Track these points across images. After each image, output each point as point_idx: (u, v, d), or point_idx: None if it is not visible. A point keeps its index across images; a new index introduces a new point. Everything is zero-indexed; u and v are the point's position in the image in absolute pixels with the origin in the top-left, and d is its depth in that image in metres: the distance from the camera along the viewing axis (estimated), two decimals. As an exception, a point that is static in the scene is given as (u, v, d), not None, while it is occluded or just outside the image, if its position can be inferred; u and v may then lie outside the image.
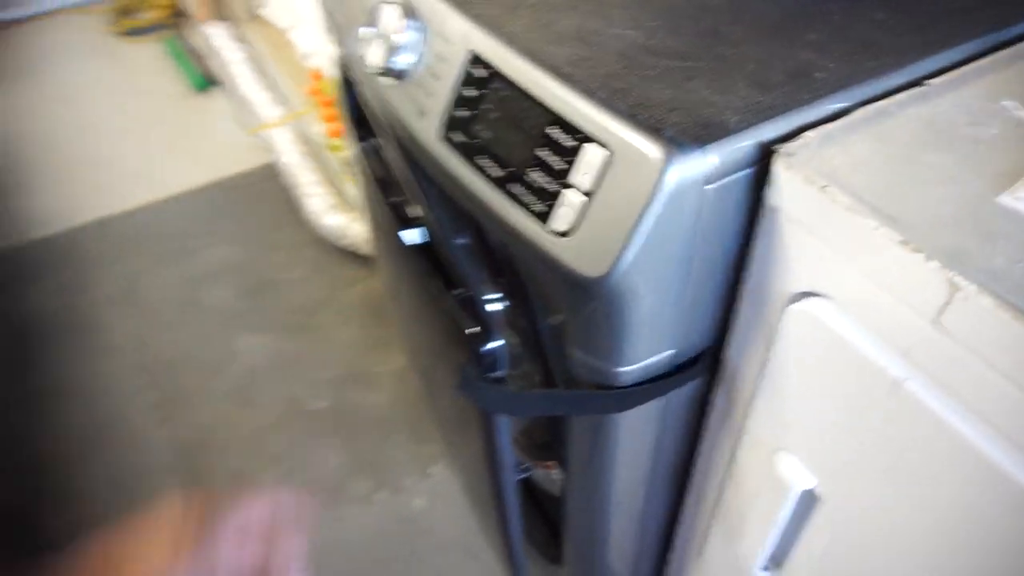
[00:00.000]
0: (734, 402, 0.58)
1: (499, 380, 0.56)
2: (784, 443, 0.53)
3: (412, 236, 0.68)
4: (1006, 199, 0.39)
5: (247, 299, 1.69)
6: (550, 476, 0.87)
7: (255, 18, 2.30)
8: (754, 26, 0.51)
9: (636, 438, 0.63)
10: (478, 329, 0.58)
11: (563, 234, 0.46)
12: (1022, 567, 0.38)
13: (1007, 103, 0.45)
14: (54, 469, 1.39)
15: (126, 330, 1.64)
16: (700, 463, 0.67)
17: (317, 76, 1.78)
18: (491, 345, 0.55)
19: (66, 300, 1.72)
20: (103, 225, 1.92)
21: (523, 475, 0.84)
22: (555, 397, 0.58)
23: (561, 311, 0.55)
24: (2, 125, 2.31)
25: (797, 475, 0.52)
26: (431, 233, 0.65)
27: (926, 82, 0.47)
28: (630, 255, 0.44)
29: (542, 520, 0.92)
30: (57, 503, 1.33)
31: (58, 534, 1.24)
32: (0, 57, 2.69)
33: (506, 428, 0.61)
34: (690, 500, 0.71)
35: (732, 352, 0.55)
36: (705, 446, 0.65)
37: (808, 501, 0.54)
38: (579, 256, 0.46)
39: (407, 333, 1.16)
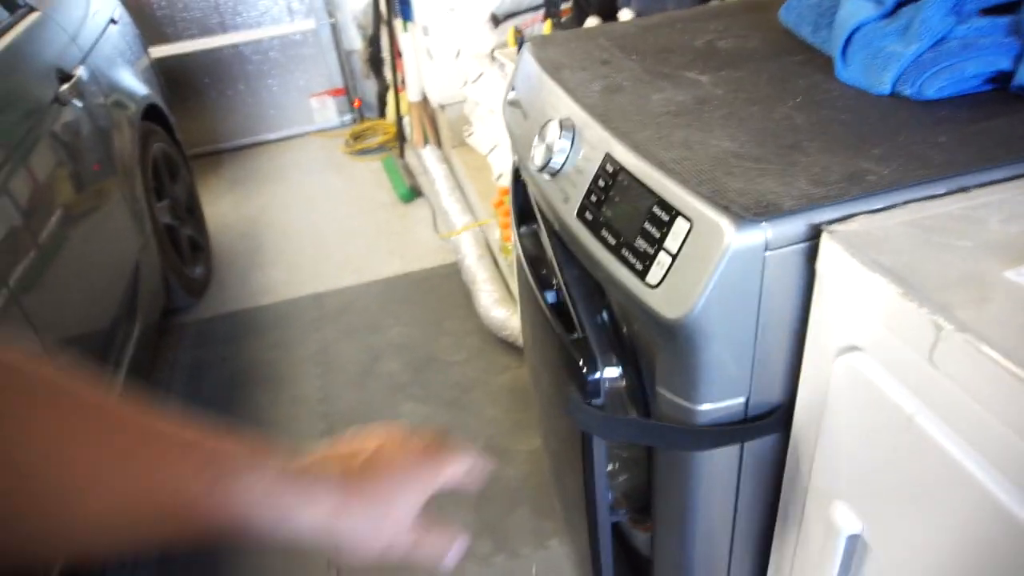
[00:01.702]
0: (802, 455, 0.66)
1: (600, 407, 0.69)
2: (838, 491, 0.60)
3: (548, 296, 0.85)
4: (1010, 274, 0.48)
5: (415, 372, 1.94)
6: (649, 539, 0.94)
7: (462, 144, 2.72)
8: (829, 143, 0.64)
9: (717, 486, 0.72)
10: (583, 362, 0.72)
11: (654, 286, 0.61)
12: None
13: (1041, 209, 0.54)
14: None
15: (315, 385, 1.94)
16: (780, 518, 0.73)
17: (504, 192, 2.08)
18: (594, 376, 0.68)
19: (275, 355, 2.08)
20: (316, 299, 2.30)
21: (618, 518, 0.93)
22: (640, 425, 0.69)
23: (654, 356, 0.68)
24: (258, 214, 2.88)
25: (846, 521, 0.59)
26: (562, 293, 0.81)
27: (968, 188, 0.57)
28: (702, 302, 0.57)
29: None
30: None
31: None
32: (262, 166, 3.38)
33: (602, 451, 0.73)
34: (773, 556, 0.77)
35: (800, 406, 0.65)
36: (783, 501, 0.72)
37: (860, 549, 0.59)
38: (665, 302, 0.60)
39: (542, 413, 1.30)
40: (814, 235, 0.56)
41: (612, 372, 0.81)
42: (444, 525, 0.50)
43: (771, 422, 0.67)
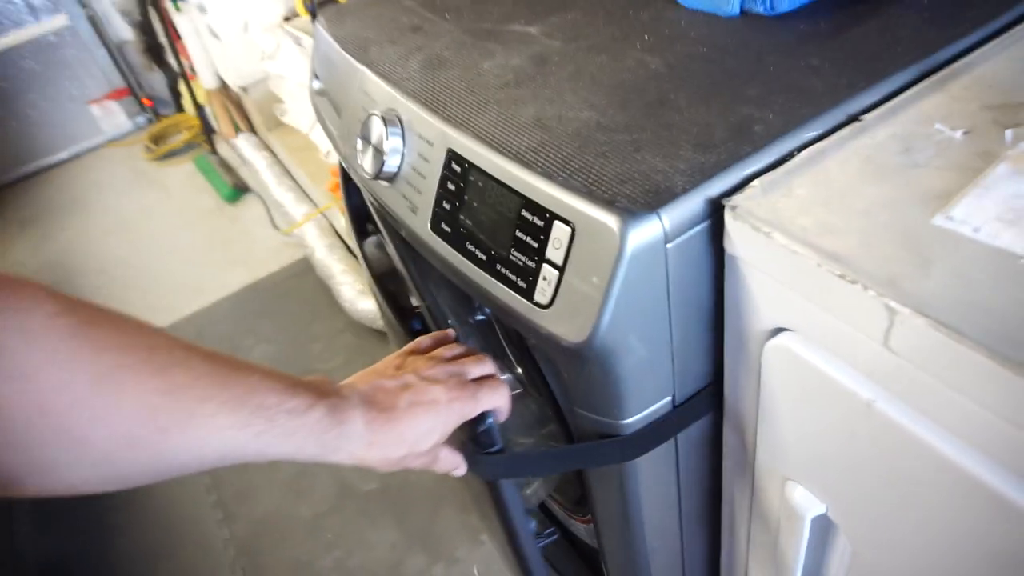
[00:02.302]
0: (742, 437, 0.60)
1: (498, 452, 0.59)
2: (789, 472, 0.55)
3: (414, 323, 0.73)
4: (939, 220, 0.42)
5: (294, 391, 1.76)
6: (592, 530, 0.88)
7: (279, 125, 2.46)
8: (697, 90, 0.55)
9: (656, 482, 0.65)
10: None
11: (545, 306, 0.50)
12: None
13: (939, 126, 0.48)
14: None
15: (185, 436, 1.72)
16: (725, 498, 0.69)
17: (336, 172, 1.89)
18: (486, 423, 0.58)
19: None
20: (156, 339, 2.03)
21: (547, 540, 0.85)
22: (558, 454, 0.60)
23: (562, 374, 0.59)
24: (62, 255, 2.49)
25: (807, 502, 0.54)
26: (430, 320, 0.70)
27: (861, 117, 0.51)
28: (606, 318, 0.47)
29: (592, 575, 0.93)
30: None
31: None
32: (53, 195, 2.92)
33: (512, 493, 0.64)
34: (725, 537, 0.72)
35: (728, 389, 0.58)
36: (727, 482, 0.67)
37: (826, 527, 0.55)
38: (562, 325, 0.50)
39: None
40: (713, 210, 0.48)
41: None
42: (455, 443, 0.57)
43: (700, 405, 0.60)
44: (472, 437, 0.57)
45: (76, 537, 1.51)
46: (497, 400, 0.57)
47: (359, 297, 1.81)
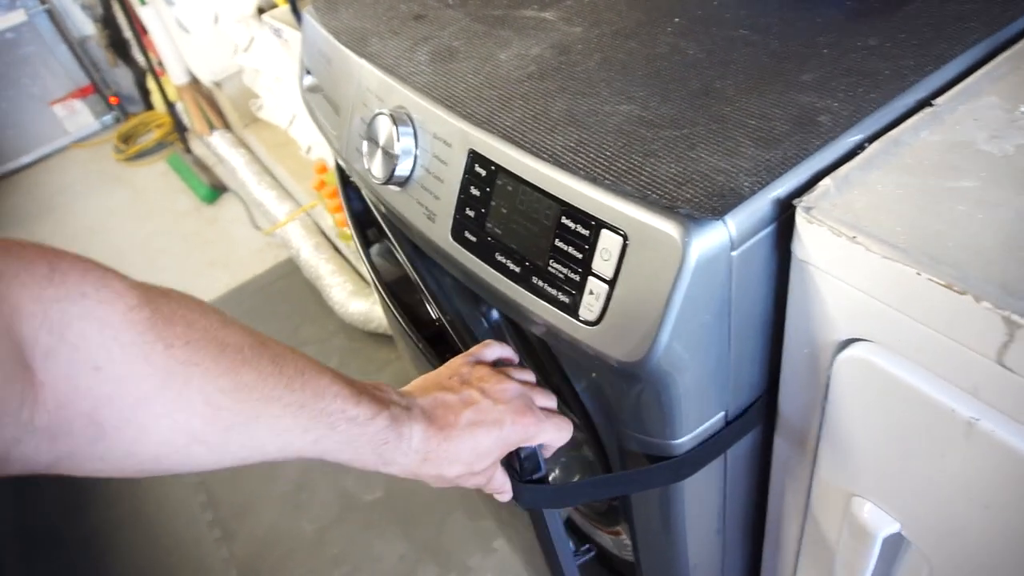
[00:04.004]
0: (799, 450, 0.55)
1: (541, 480, 0.55)
2: (857, 488, 0.51)
3: (431, 336, 0.68)
4: (1045, 217, 0.37)
5: (287, 398, 1.70)
6: (621, 542, 0.84)
7: (255, 121, 2.37)
8: (744, 76, 0.50)
9: (702, 498, 0.61)
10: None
11: (593, 323, 0.45)
12: None
13: None
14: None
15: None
16: (772, 512, 0.64)
17: (322, 168, 1.81)
18: (528, 449, 0.53)
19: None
20: (138, 349, 1.95)
21: (586, 557, 0.81)
22: (606, 482, 0.56)
23: (605, 393, 0.54)
24: (29, 268, 2.38)
25: (878, 520, 0.50)
26: (449, 334, 0.64)
27: (934, 102, 0.46)
28: (664, 336, 0.43)
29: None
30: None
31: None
32: (18, 201, 2.80)
33: (557, 520, 0.59)
34: (768, 551, 0.68)
35: (785, 402, 0.54)
36: (774, 495, 0.63)
37: (896, 543, 0.51)
38: (613, 344, 0.45)
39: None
40: (782, 212, 0.43)
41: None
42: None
43: (752, 417, 0.56)
44: (509, 464, 0.52)
45: (63, 562, 1.44)
46: (562, 436, 0.54)
47: (350, 299, 1.74)
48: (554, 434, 0.53)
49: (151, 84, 2.84)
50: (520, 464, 0.52)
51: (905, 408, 0.42)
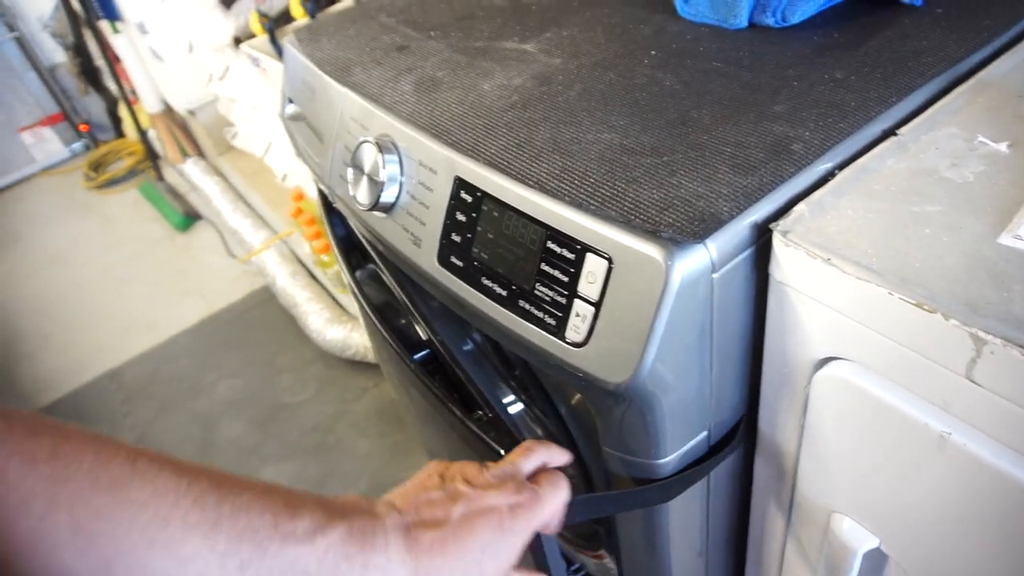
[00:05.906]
0: (780, 469, 0.57)
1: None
2: (836, 505, 0.52)
3: (422, 359, 0.68)
4: (1007, 239, 0.40)
5: (262, 429, 1.68)
6: (604, 566, 0.84)
7: (229, 149, 2.37)
8: (720, 107, 0.52)
9: (685, 519, 0.62)
10: (504, 452, 0.57)
11: (580, 344, 0.47)
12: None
13: (982, 138, 0.47)
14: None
15: (146, 482, 1.62)
16: (754, 531, 0.66)
17: (299, 196, 1.81)
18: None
19: (82, 462, 1.70)
20: (112, 377, 1.92)
21: None
22: (597, 501, 0.56)
23: (591, 413, 0.55)
24: (-3, 297, 2.33)
25: (858, 536, 0.51)
26: (441, 355, 0.65)
27: (898, 131, 0.48)
28: (650, 356, 0.44)
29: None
30: None
31: None
32: (-15, 231, 2.74)
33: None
34: (750, 569, 0.69)
35: (765, 421, 0.55)
36: (756, 514, 0.64)
37: (876, 559, 0.52)
38: (600, 364, 0.46)
39: (426, 439, 1.15)
40: (760, 235, 0.45)
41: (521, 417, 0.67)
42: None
43: (735, 440, 0.57)
44: (543, 566, 0.52)
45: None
46: (562, 495, 0.48)
47: (327, 326, 1.73)
48: (556, 496, 0.48)
49: (123, 112, 2.82)
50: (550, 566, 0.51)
51: (881, 424, 0.44)
